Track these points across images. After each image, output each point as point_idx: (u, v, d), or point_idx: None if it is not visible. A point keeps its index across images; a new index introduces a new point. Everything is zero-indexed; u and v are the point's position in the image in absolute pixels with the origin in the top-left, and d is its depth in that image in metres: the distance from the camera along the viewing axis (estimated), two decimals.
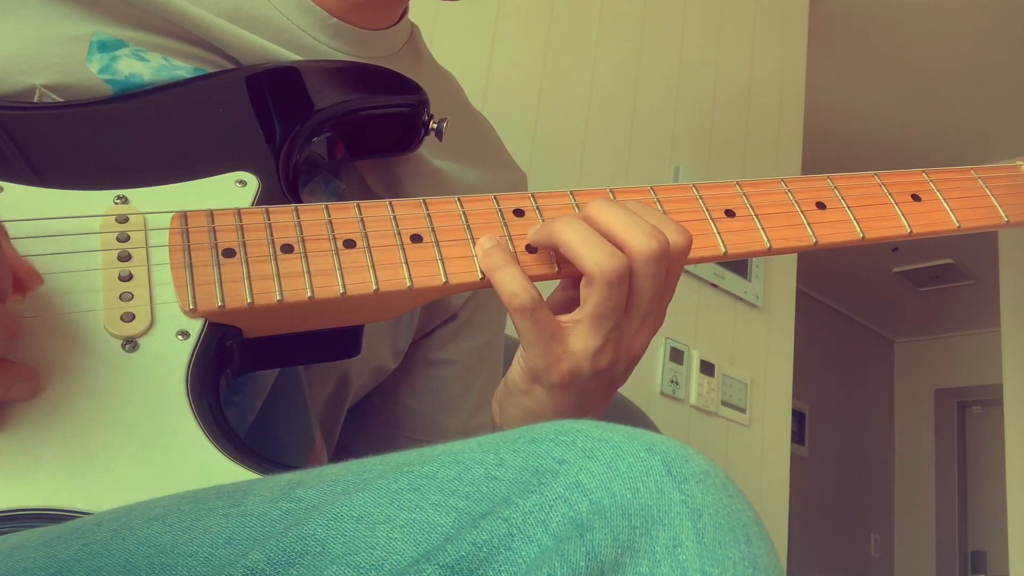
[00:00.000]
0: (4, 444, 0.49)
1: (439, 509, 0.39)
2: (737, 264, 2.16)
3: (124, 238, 0.57)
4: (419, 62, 0.82)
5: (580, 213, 0.62)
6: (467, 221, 0.62)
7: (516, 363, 0.62)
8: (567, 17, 1.92)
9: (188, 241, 0.58)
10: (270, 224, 0.59)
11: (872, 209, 0.69)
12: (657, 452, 0.40)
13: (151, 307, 0.55)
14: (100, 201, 0.59)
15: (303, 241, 0.59)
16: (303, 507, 0.40)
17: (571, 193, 0.65)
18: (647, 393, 1.92)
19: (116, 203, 0.59)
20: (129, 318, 0.54)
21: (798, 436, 5.02)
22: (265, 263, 0.58)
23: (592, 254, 0.58)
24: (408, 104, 0.72)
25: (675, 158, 2.08)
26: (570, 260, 0.59)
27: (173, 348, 0.54)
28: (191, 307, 0.55)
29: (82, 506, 0.48)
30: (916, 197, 0.70)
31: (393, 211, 0.62)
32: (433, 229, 0.61)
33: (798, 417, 5.05)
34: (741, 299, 2.17)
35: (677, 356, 1.98)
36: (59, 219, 0.57)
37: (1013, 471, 3.59)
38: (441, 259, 0.60)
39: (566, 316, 0.60)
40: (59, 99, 0.63)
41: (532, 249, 0.62)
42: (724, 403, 2.08)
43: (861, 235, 0.67)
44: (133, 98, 0.65)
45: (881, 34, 3.11)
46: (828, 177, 0.69)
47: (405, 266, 0.60)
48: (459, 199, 0.63)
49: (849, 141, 3.73)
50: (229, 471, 0.51)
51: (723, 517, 0.39)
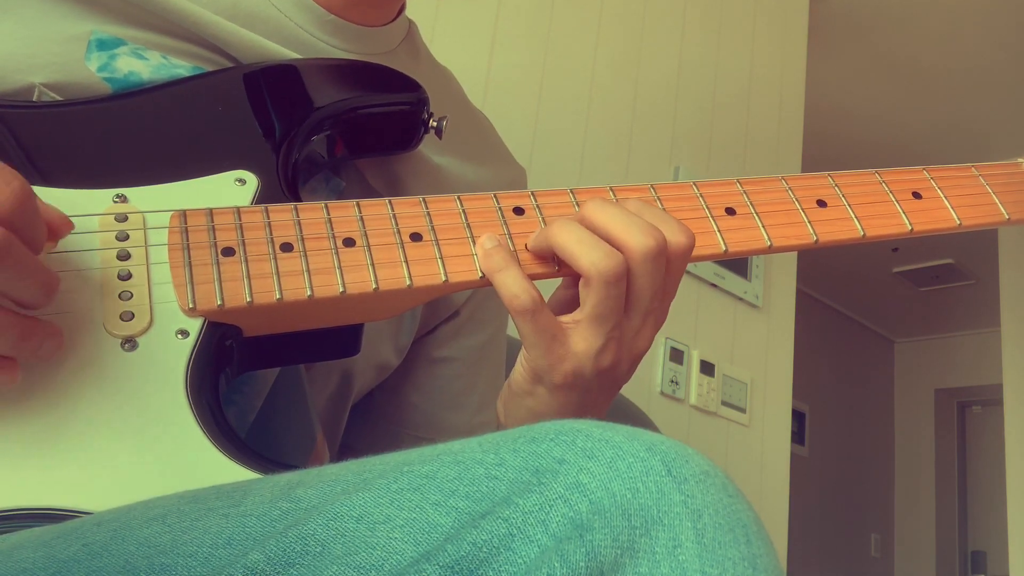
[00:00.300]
0: (4, 444, 0.49)
1: (439, 509, 0.39)
2: (737, 264, 2.16)
3: (123, 237, 0.57)
4: (417, 58, 0.82)
5: (576, 214, 0.61)
6: (467, 220, 0.62)
7: (519, 364, 0.62)
8: (567, 17, 1.92)
9: (187, 240, 0.58)
10: (269, 223, 0.59)
11: (873, 207, 0.68)
12: (657, 452, 0.40)
13: (150, 306, 0.55)
14: (99, 200, 0.59)
15: (303, 240, 0.59)
16: (303, 507, 0.40)
17: (571, 191, 0.65)
18: (647, 393, 1.92)
19: (115, 202, 0.59)
20: (128, 317, 0.54)
21: (798, 436, 5.02)
22: (264, 262, 0.58)
23: (588, 254, 0.58)
24: (408, 102, 0.72)
25: (675, 158, 2.08)
26: (567, 262, 0.59)
27: (172, 347, 0.54)
28: (190, 306, 0.55)
29: (82, 506, 0.48)
30: (917, 195, 0.70)
31: (393, 210, 0.62)
32: (433, 228, 0.61)
33: (798, 417, 5.05)
34: (741, 299, 2.17)
35: (677, 356, 1.98)
36: None
37: (1013, 471, 3.59)
38: (441, 258, 0.60)
39: (567, 316, 0.60)
40: (58, 97, 0.63)
41: None
42: (724, 403, 2.08)
43: (862, 233, 0.67)
44: (132, 96, 0.65)
45: (881, 33, 3.11)
46: (829, 175, 0.69)
47: (405, 265, 0.59)
48: (459, 198, 0.63)
49: (849, 140, 3.73)
50: (229, 471, 0.51)
51: (723, 517, 0.39)
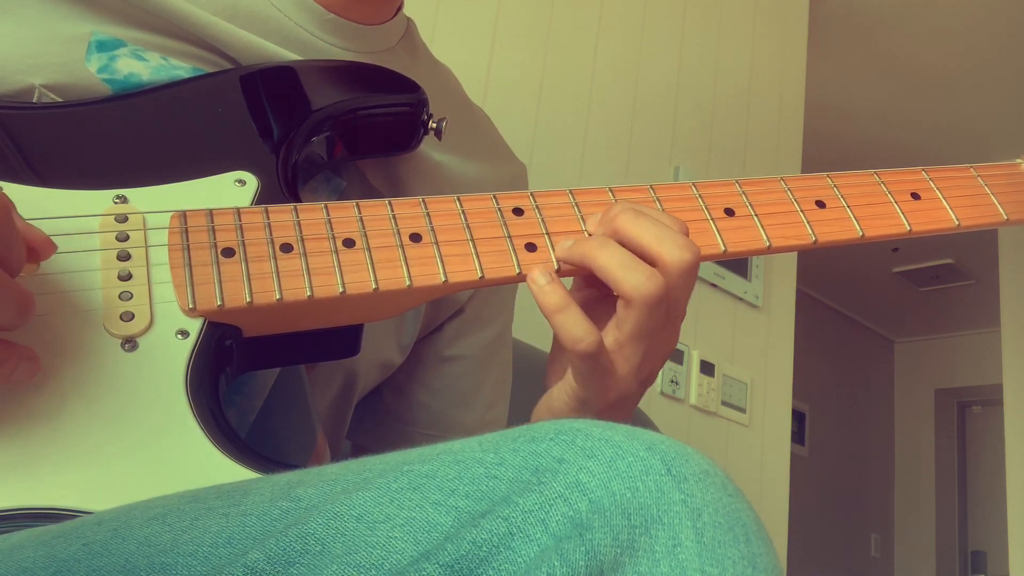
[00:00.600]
0: (4, 443, 0.49)
1: (439, 508, 0.39)
2: (737, 264, 2.16)
3: (123, 237, 0.57)
4: (415, 56, 0.82)
5: (607, 228, 0.61)
6: (466, 220, 0.62)
7: (562, 392, 0.62)
8: (567, 17, 1.92)
9: (187, 240, 0.58)
10: (269, 223, 0.59)
11: (872, 208, 0.68)
12: (657, 451, 0.40)
13: (150, 306, 0.55)
14: (99, 201, 0.59)
15: (302, 240, 0.59)
16: (303, 506, 0.40)
17: (571, 192, 0.65)
18: (647, 393, 1.92)
19: (115, 203, 0.59)
20: (128, 317, 0.54)
21: (798, 436, 5.02)
22: (264, 262, 0.58)
23: (630, 278, 0.57)
24: (407, 104, 0.72)
25: (675, 158, 2.08)
26: (607, 283, 0.59)
27: (172, 347, 0.54)
28: (190, 306, 0.55)
29: (82, 505, 0.48)
30: (916, 195, 0.70)
31: (392, 210, 0.62)
32: (432, 228, 0.61)
33: (798, 417, 5.05)
34: (741, 299, 2.17)
35: (677, 356, 1.98)
36: (58, 219, 0.57)
37: (1013, 471, 3.59)
38: (440, 258, 0.60)
39: (609, 340, 0.59)
40: (58, 99, 0.63)
41: (531, 247, 0.62)
42: (724, 403, 2.08)
43: (861, 233, 0.67)
44: (132, 97, 0.65)
45: (881, 33, 3.12)
46: (828, 176, 0.69)
47: (404, 265, 0.60)
48: (458, 198, 0.63)
49: (849, 140, 3.73)
50: (229, 470, 0.51)
51: (722, 516, 0.39)
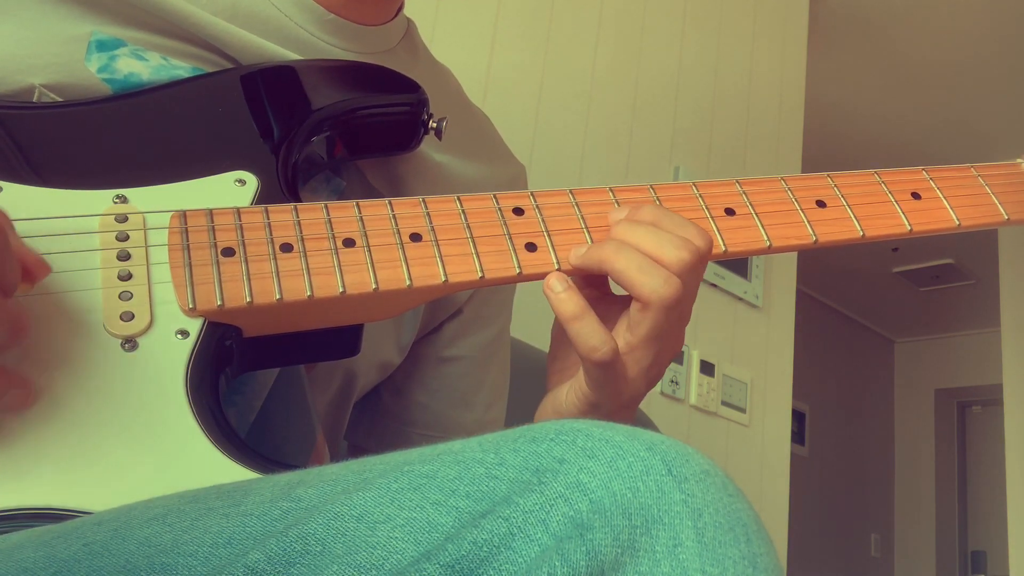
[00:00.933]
0: (4, 444, 0.49)
1: (440, 508, 0.39)
2: (737, 264, 2.16)
3: (123, 237, 0.57)
4: (416, 57, 0.82)
5: (616, 231, 0.61)
6: (467, 220, 0.62)
7: (572, 394, 0.63)
8: (567, 17, 1.92)
9: (187, 240, 0.58)
10: (269, 223, 0.59)
11: (872, 207, 0.68)
12: (657, 451, 0.40)
13: (150, 306, 0.55)
14: (99, 200, 0.59)
15: (302, 240, 0.59)
16: (303, 506, 0.40)
17: (571, 192, 0.65)
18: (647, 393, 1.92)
19: (115, 202, 0.59)
20: (128, 317, 0.54)
21: (798, 436, 5.02)
22: (264, 262, 0.58)
23: (649, 281, 0.58)
24: (407, 103, 0.72)
25: (675, 158, 2.08)
26: (624, 287, 0.59)
27: (172, 347, 0.54)
28: (190, 306, 0.55)
29: (82, 505, 0.48)
30: (916, 195, 0.70)
31: (392, 210, 0.62)
32: (432, 228, 0.61)
33: (798, 417, 5.05)
34: (741, 299, 2.17)
35: (677, 356, 1.98)
36: (58, 219, 0.57)
37: (1013, 471, 3.59)
38: (440, 258, 0.60)
39: (621, 343, 0.60)
40: (58, 99, 0.63)
41: (532, 247, 0.62)
42: (724, 403, 2.08)
43: (861, 233, 0.67)
44: (132, 97, 0.65)
45: (881, 32, 3.12)
46: (828, 175, 0.69)
47: (405, 265, 0.60)
48: (458, 198, 0.63)
49: (849, 140, 3.73)
50: (229, 470, 0.51)
51: (723, 516, 0.39)
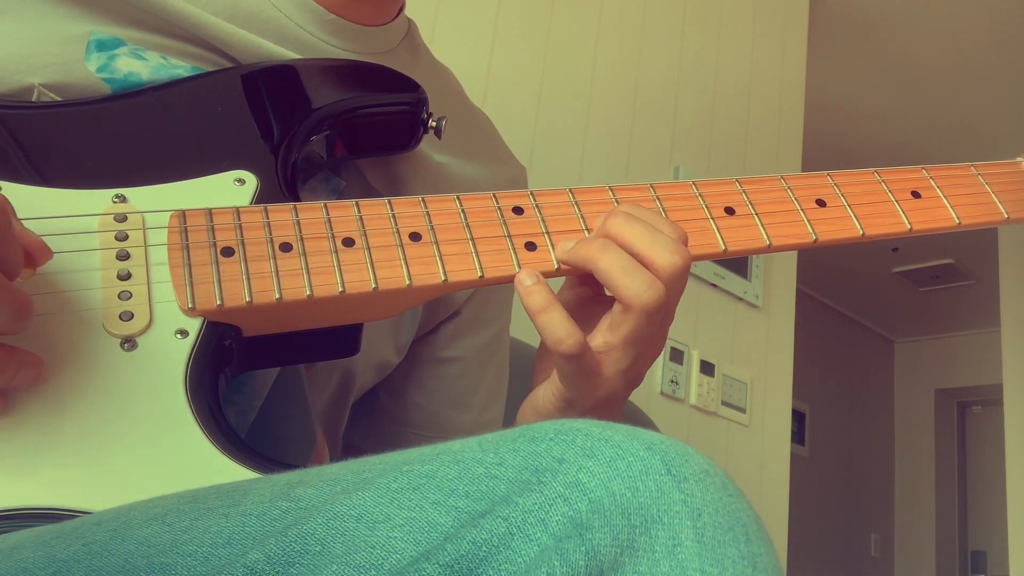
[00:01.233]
0: (3, 444, 0.49)
1: (439, 508, 0.39)
2: (737, 264, 2.16)
3: (123, 237, 0.57)
4: (416, 57, 0.82)
5: (602, 230, 0.61)
6: (466, 219, 0.62)
7: (548, 391, 0.62)
8: (567, 17, 1.92)
9: (187, 240, 0.58)
10: (269, 223, 0.59)
11: (872, 206, 0.68)
12: (657, 451, 0.40)
13: (150, 306, 0.55)
14: (99, 200, 0.59)
15: (302, 240, 0.59)
16: (303, 506, 0.40)
17: (571, 191, 0.65)
18: (647, 393, 1.92)
19: (115, 202, 0.59)
20: (128, 317, 0.54)
21: (798, 436, 5.02)
22: (264, 262, 0.58)
23: (632, 284, 0.58)
24: (407, 102, 0.72)
25: (675, 158, 2.08)
26: (607, 287, 0.59)
27: (172, 347, 0.54)
28: (190, 306, 0.55)
29: (82, 506, 0.48)
30: (916, 194, 0.70)
31: (392, 209, 0.62)
32: (432, 227, 0.61)
33: (798, 417, 5.05)
34: (741, 299, 2.17)
35: (677, 356, 1.98)
36: (58, 218, 0.57)
37: (1013, 471, 3.59)
38: (440, 257, 0.60)
39: (597, 342, 0.59)
40: (57, 98, 0.63)
41: (531, 246, 0.62)
42: (724, 403, 2.08)
43: (861, 232, 0.67)
44: (131, 97, 0.65)
45: (881, 32, 3.12)
46: (828, 174, 0.69)
47: (404, 264, 0.59)
48: (458, 197, 0.63)
49: (849, 139, 3.73)
50: (229, 470, 0.51)
51: (722, 516, 0.39)
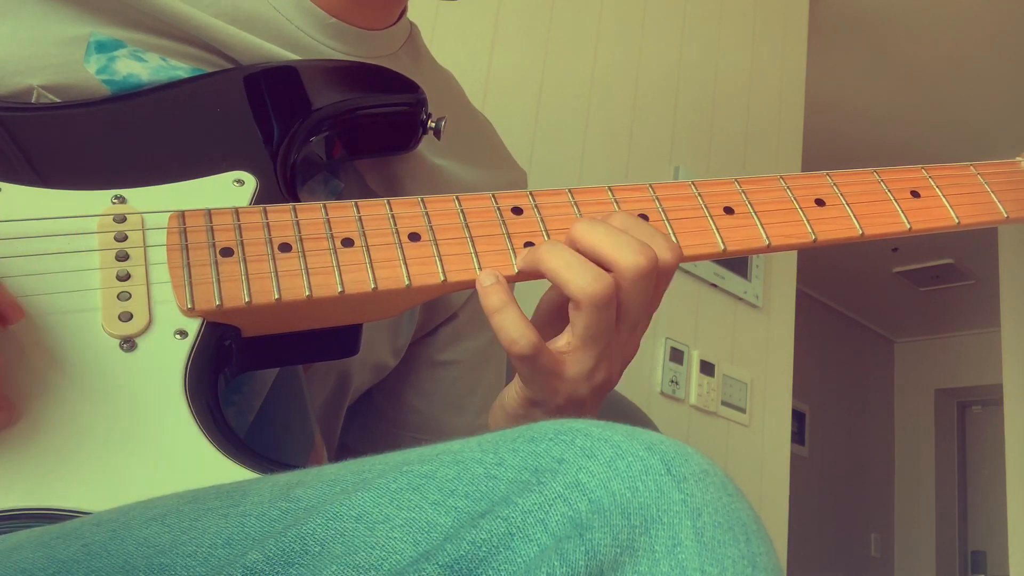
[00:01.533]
0: (2, 444, 0.49)
1: (438, 508, 0.39)
2: (737, 264, 2.16)
3: (122, 238, 0.57)
4: (418, 61, 0.82)
5: (566, 236, 0.61)
6: (465, 220, 0.62)
7: (513, 391, 0.62)
8: (567, 17, 1.92)
9: (186, 240, 0.58)
10: (268, 223, 0.59)
11: (871, 206, 0.68)
12: (656, 451, 0.40)
13: (149, 306, 0.55)
14: (98, 201, 0.59)
15: (301, 240, 0.59)
16: (302, 507, 0.40)
17: (570, 191, 0.65)
18: (647, 393, 1.92)
19: (114, 203, 0.59)
20: (127, 317, 0.54)
21: (798, 436, 5.02)
22: (263, 262, 0.58)
23: (576, 279, 0.57)
24: (406, 103, 0.72)
25: (675, 158, 2.08)
26: (557, 285, 0.59)
27: (171, 347, 0.54)
28: (189, 306, 0.55)
29: (81, 506, 0.48)
30: (915, 194, 0.70)
31: (391, 210, 0.62)
32: (431, 228, 0.61)
33: (798, 417, 5.05)
34: (741, 299, 2.17)
35: (677, 356, 1.98)
36: (57, 219, 0.57)
37: (1013, 471, 3.58)
38: (439, 258, 0.60)
39: (560, 343, 0.59)
40: (57, 100, 0.63)
41: (530, 247, 0.62)
42: (724, 403, 2.08)
43: (860, 232, 0.67)
44: (131, 98, 0.65)
45: (881, 32, 3.12)
46: (827, 174, 0.69)
47: (403, 265, 0.59)
48: (457, 198, 0.63)
49: (849, 139, 3.73)
50: (228, 470, 0.51)
51: (722, 516, 0.39)
